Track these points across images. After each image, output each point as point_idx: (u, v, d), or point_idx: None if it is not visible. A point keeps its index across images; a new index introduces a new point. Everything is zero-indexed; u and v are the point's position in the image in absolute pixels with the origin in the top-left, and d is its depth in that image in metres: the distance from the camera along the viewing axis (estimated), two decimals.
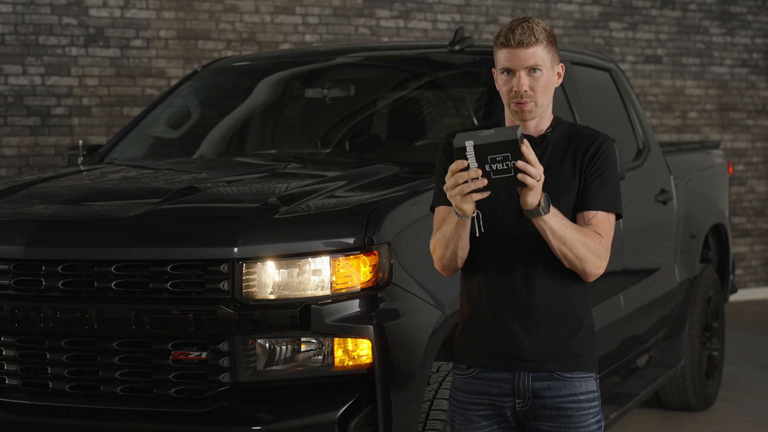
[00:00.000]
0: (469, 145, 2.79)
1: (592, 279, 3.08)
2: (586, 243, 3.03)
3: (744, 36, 11.44)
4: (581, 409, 3.12)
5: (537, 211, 2.92)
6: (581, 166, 3.14)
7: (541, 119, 3.16)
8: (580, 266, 3.05)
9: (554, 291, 3.11)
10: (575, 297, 3.14)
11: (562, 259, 3.04)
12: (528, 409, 3.14)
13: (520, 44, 3.04)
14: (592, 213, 3.10)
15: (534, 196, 2.89)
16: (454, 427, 3.23)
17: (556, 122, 3.21)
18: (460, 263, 3.14)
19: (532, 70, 3.05)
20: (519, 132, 2.81)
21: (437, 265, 3.17)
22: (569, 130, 3.20)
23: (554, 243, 3.00)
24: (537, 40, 3.04)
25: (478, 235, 3.02)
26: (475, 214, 2.97)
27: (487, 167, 2.81)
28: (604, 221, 3.12)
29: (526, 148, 2.82)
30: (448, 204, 3.02)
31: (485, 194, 2.87)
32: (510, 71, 3.07)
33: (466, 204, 2.91)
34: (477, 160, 2.80)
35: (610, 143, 3.18)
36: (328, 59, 5.92)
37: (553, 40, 3.10)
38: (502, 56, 3.08)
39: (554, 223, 2.96)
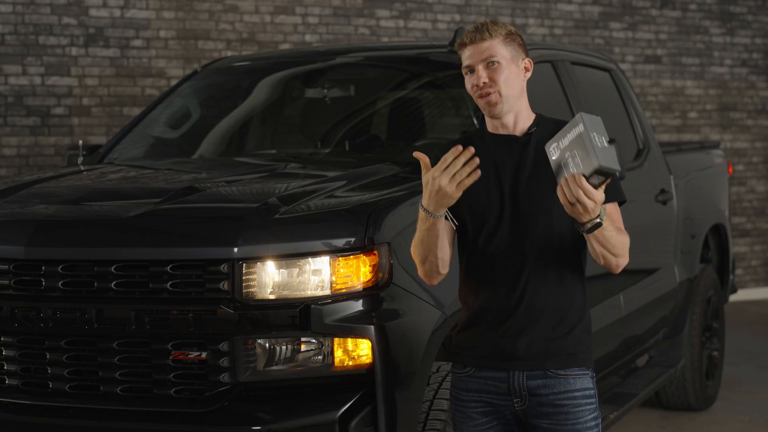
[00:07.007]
0: (579, 130, 2.84)
1: (619, 271, 3.14)
2: (623, 241, 3.08)
3: (744, 36, 11.44)
4: (577, 405, 3.14)
5: (597, 224, 2.94)
6: None
7: (518, 116, 3.20)
8: (614, 263, 3.10)
9: (548, 291, 3.14)
10: (570, 296, 3.17)
11: (598, 259, 3.07)
12: (527, 408, 3.16)
13: (473, 41, 3.17)
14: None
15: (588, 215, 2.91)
16: (455, 425, 3.26)
17: (539, 120, 3.25)
18: (442, 269, 3.16)
19: (490, 63, 3.15)
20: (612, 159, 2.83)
21: (420, 272, 3.20)
22: (553, 127, 3.19)
23: (599, 249, 3.03)
24: (491, 35, 3.16)
25: (455, 226, 3.10)
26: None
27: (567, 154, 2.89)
28: (616, 212, 3.15)
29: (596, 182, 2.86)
30: None
31: (476, 176, 2.93)
32: (471, 69, 3.18)
33: (459, 193, 2.94)
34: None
35: None
36: (328, 59, 5.92)
37: (513, 37, 3.19)
38: (463, 57, 3.21)
39: (609, 232, 3.00)
